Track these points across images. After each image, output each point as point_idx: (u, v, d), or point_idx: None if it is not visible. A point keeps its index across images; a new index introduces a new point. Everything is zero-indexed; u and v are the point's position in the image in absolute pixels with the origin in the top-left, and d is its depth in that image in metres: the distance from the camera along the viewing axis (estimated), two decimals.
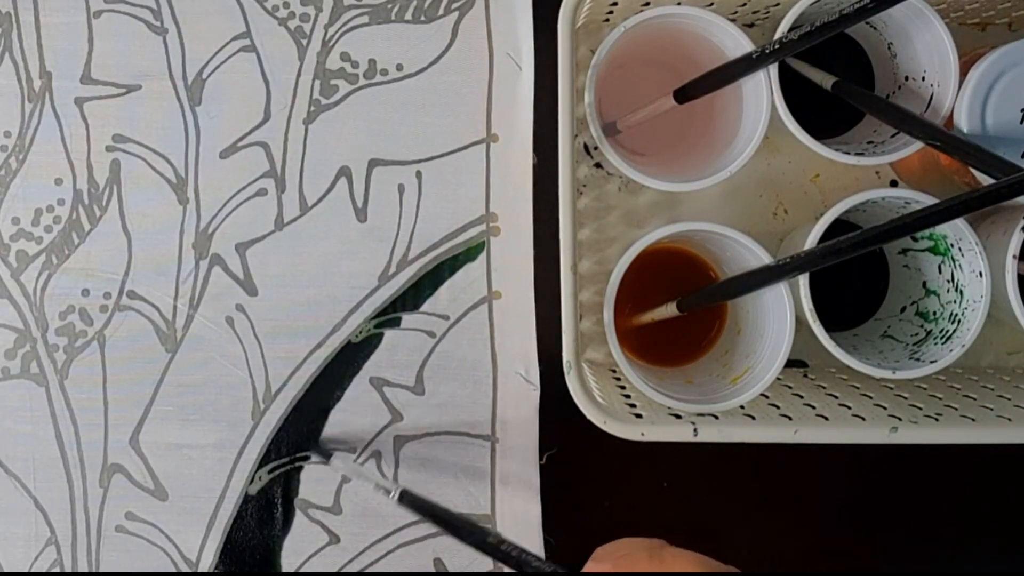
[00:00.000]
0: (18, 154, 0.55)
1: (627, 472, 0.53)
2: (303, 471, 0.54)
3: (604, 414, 0.43)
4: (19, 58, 0.55)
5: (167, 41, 0.55)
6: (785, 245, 0.53)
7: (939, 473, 0.53)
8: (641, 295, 0.49)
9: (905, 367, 0.44)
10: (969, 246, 0.44)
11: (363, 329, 0.54)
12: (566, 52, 0.44)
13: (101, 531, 0.54)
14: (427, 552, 0.54)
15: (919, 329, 0.48)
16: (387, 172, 0.55)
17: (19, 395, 0.55)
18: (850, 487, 0.54)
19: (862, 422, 0.44)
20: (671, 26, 0.46)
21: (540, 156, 0.53)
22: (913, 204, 0.45)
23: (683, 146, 0.52)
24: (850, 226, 0.50)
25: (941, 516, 0.54)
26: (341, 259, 0.54)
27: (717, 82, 0.45)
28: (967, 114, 0.44)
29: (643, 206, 0.54)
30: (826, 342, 0.44)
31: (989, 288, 0.44)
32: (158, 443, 0.54)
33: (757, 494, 0.54)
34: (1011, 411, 0.45)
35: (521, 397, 0.53)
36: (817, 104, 0.46)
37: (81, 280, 0.55)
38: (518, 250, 0.54)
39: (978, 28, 0.53)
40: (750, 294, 0.47)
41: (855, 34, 0.52)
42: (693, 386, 0.49)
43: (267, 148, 0.55)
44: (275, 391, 0.54)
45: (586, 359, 0.53)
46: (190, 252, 0.55)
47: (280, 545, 0.54)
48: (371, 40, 0.55)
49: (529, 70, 0.53)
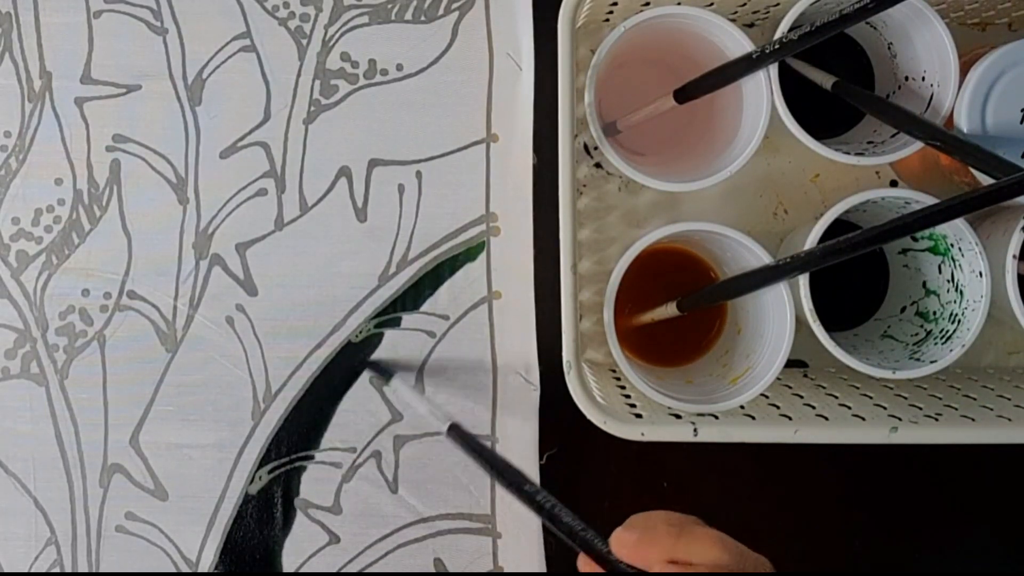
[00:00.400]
0: (18, 154, 0.55)
1: (627, 472, 0.53)
2: (303, 471, 0.54)
3: (604, 414, 0.43)
4: (19, 58, 0.55)
5: (167, 41, 0.55)
6: (785, 245, 0.53)
7: (939, 473, 0.53)
8: (641, 295, 0.49)
9: (905, 367, 0.44)
10: (969, 246, 0.44)
11: (363, 329, 0.54)
12: (566, 52, 0.44)
13: (101, 531, 0.54)
14: (427, 552, 0.54)
15: (919, 329, 0.48)
16: (387, 172, 0.55)
17: (19, 395, 0.55)
18: (850, 487, 0.54)
19: (862, 422, 0.44)
20: (671, 26, 0.46)
21: (540, 156, 0.53)
22: (913, 204, 0.45)
23: (683, 146, 0.52)
24: (850, 226, 0.50)
25: (941, 516, 0.54)
26: (341, 259, 0.54)
27: (717, 82, 0.45)
28: (967, 114, 0.44)
29: (643, 206, 0.54)
30: (826, 342, 0.44)
31: (989, 288, 0.44)
32: (158, 443, 0.54)
33: (757, 494, 0.54)
34: (1011, 411, 0.45)
35: (521, 397, 0.53)
36: (817, 104, 0.46)
37: (81, 280, 0.55)
38: (518, 250, 0.54)
39: (978, 28, 0.53)
40: (750, 294, 0.47)
41: (855, 34, 0.52)
42: (693, 386, 0.49)
43: (267, 148, 0.55)
44: (275, 391, 0.54)
45: (586, 359, 0.53)
46: (190, 252, 0.55)
47: (280, 545, 0.54)
48: (371, 40, 0.55)
49: (529, 70, 0.53)
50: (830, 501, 0.54)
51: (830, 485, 0.54)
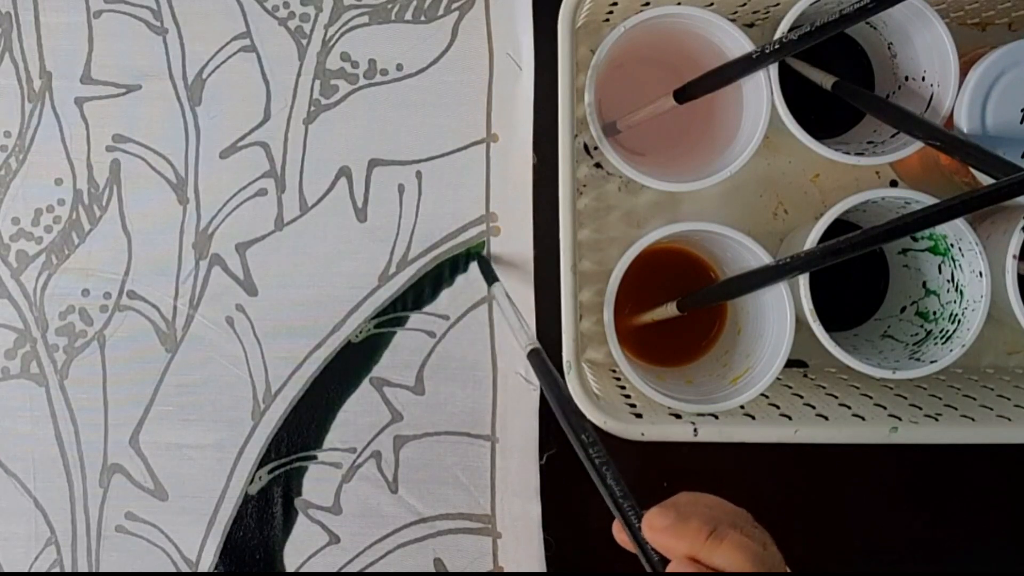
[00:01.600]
0: (18, 154, 0.55)
1: (627, 472, 0.53)
2: (303, 471, 0.54)
3: (604, 414, 0.43)
4: (19, 58, 0.55)
5: (167, 41, 0.55)
6: (785, 245, 0.53)
7: (939, 473, 0.53)
8: (641, 295, 0.49)
9: (905, 367, 0.44)
10: (969, 246, 0.44)
11: (363, 329, 0.54)
12: (566, 52, 0.44)
13: (101, 531, 0.54)
14: (427, 552, 0.54)
15: (919, 329, 0.48)
16: (387, 172, 0.55)
17: (19, 395, 0.55)
18: (850, 487, 0.54)
19: (862, 422, 0.44)
20: (671, 26, 0.46)
21: (540, 156, 0.53)
22: (913, 204, 0.45)
23: (683, 146, 0.52)
24: (850, 226, 0.50)
25: (941, 516, 0.54)
26: (341, 259, 0.54)
27: (717, 82, 0.45)
28: (967, 114, 0.44)
29: (643, 206, 0.54)
30: (826, 342, 0.44)
31: (989, 288, 0.44)
32: (158, 443, 0.54)
33: (757, 494, 0.54)
34: (1011, 411, 0.45)
35: (521, 397, 0.53)
36: (817, 104, 0.46)
37: (81, 280, 0.55)
38: (518, 250, 0.54)
39: (978, 28, 0.53)
40: (750, 294, 0.47)
41: (855, 34, 0.52)
42: (693, 386, 0.49)
43: (267, 148, 0.55)
44: (275, 391, 0.54)
45: (586, 359, 0.53)
46: (190, 252, 0.54)
47: (280, 545, 0.54)
48: (371, 40, 0.55)
49: (529, 70, 0.53)
50: (830, 501, 0.54)
51: (830, 485, 0.54)
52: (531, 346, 0.42)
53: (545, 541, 0.53)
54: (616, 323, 0.44)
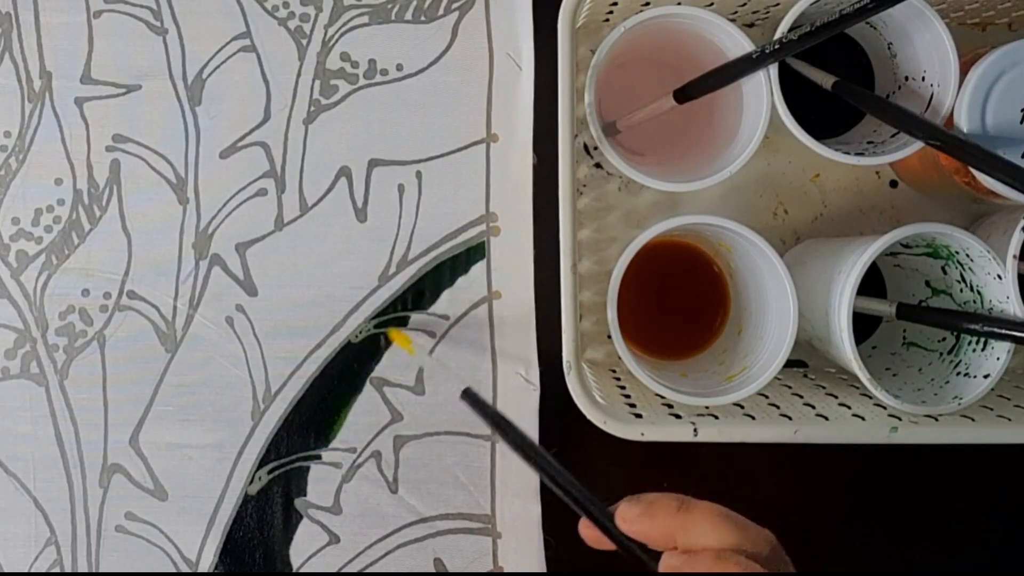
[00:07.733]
0: (18, 154, 0.55)
1: (627, 472, 0.53)
2: (303, 471, 0.54)
3: (604, 414, 0.43)
4: (19, 58, 0.55)
5: (167, 41, 0.55)
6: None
7: (939, 473, 0.53)
8: (641, 294, 0.49)
9: (958, 387, 0.44)
10: (980, 253, 0.44)
11: (363, 329, 0.54)
12: (566, 52, 0.44)
13: (101, 531, 0.54)
14: (427, 552, 0.54)
15: (945, 333, 0.47)
16: (387, 172, 0.54)
17: (19, 395, 0.55)
18: (850, 487, 0.54)
19: (862, 422, 0.44)
20: (671, 26, 0.46)
21: (540, 156, 0.53)
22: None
23: (683, 146, 0.52)
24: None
25: (941, 516, 0.54)
26: (341, 259, 0.54)
27: (717, 82, 0.45)
28: (967, 114, 0.44)
29: (643, 206, 0.54)
30: (875, 390, 0.43)
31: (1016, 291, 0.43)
32: (158, 443, 0.54)
33: (757, 494, 0.54)
34: (1011, 411, 0.45)
35: (521, 397, 0.53)
36: (817, 104, 0.46)
37: (81, 280, 0.55)
38: (518, 250, 0.54)
39: (978, 28, 0.53)
40: (755, 293, 0.47)
41: (855, 34, 0.52)
42: (688, 380, 0.48)
43: (267, 148, 0.55)
44: (275, 391, 0.54)
45: (586, 359, 0.53)
46: (190, 252, 0.54)
47: (280, 545, 0.54)
48: (371, 40, 0.55)
49: (529, 70, 0.53)
50: (830, 501, 0.54)
51: (830, 485, 0.54)
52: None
53: (545, 541, 0.53)
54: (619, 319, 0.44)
